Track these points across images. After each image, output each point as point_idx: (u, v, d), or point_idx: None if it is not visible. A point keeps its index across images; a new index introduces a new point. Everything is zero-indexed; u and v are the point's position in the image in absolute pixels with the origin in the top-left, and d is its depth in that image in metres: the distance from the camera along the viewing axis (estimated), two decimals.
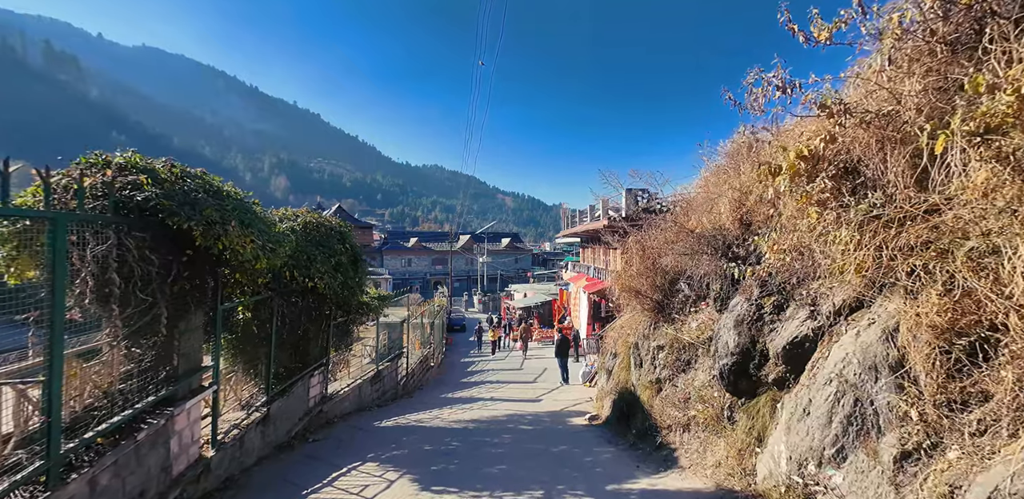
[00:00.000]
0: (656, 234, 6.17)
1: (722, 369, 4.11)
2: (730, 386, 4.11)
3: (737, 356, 3.98)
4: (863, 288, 3.09)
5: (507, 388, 12.21)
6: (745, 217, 4.49)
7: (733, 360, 4.00)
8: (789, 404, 3.53)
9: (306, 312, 6.19)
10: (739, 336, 3.97)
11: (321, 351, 7.08)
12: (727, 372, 4.06)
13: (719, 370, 4.15)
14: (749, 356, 3.93)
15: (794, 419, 3.35)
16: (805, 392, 3.35)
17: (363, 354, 9.67)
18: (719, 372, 4.15)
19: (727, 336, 4.11)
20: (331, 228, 6.22)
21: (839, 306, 3.42)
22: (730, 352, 4.04)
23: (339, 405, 7.63)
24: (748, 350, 3.93)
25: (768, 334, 3.83)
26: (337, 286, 5.92)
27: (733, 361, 4.00)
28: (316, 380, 7.00)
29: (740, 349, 3.95)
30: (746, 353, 3.94)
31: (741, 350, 3.95)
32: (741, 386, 4.05)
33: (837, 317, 3.41)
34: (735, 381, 4.06)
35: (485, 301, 42.45)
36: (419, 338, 13.20)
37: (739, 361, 3.98)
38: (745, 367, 3.96)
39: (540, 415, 7.96)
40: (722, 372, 4.11)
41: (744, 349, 3.94)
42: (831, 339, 3.42)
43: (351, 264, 6.44)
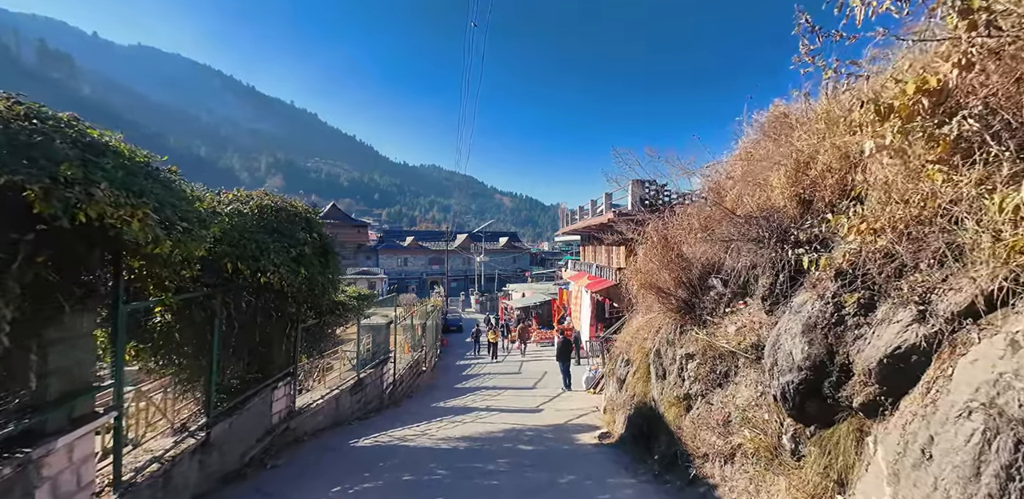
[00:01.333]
0: (681, 221, 5.21)
1: (784, 387, 3.14)
2: (794, 409, 3.14)
3: (807, 371, 3.01)
4: (1007, 279, 2.14)
5: (504, 395, 11.23)
6: (807, 192, 3.53)
7: (801, 376, 3.04)
8: (891, 439, 2.57)
9: (263, 313, 5.20)
10: (810, 345, 3.00)
11: (287, 358, 6.09)
12: (791, 391, 3.10)
13: (780, 389, 3.18)
14: (823, 371, 2.96)
15: (905, 463, 2.39)
16: (921, 425, 2.38)
17: (346, 359, 8.68)
18: (780, 391, 3.18)
19: (791, 345, 3.14)
20: (293, 214, 5.24)
21: (963, 305, 2.46)
22: (796, 365, 3.07)
23: (311, 420, 6.64)
24: (822, 363, 2.96)
25: (852, 343, 2.86)
26: (300, 282, 4.93)
27: (801, 378, 3.03)
28: (281, 392, 6.01)
29: (811, 362, 2.99)
30: (819, 367, 2.97)
31: (812, 363, 2.98)
32: (810, 410, 3.09)
33: (962, 320, 2.45)
34: (802, 403, 3.09)
35: (482, 301, 41.48)
36: (409, 341, 12.20)
37: (809, 378, 3.01)
38: (817, 385, 3.00)
39: (542, 430, 6.98)
40: (784, 391, 3.14)
41: (817, 362, 2.97)
42: (954, 351, 2.46)
43: (319, 256, 5.45)
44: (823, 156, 3.34)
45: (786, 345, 3.19)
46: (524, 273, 54.67)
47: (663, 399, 4.83)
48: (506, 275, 53.64)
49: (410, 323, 12.35)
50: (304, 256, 5.01)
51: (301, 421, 6.35)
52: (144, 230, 2.43)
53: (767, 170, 3.94)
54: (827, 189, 3.41)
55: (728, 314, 4.55)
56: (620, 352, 8.01)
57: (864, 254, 2.81)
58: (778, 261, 3.57)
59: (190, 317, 3.87)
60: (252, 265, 4.16)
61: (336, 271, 5.97)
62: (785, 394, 3.14)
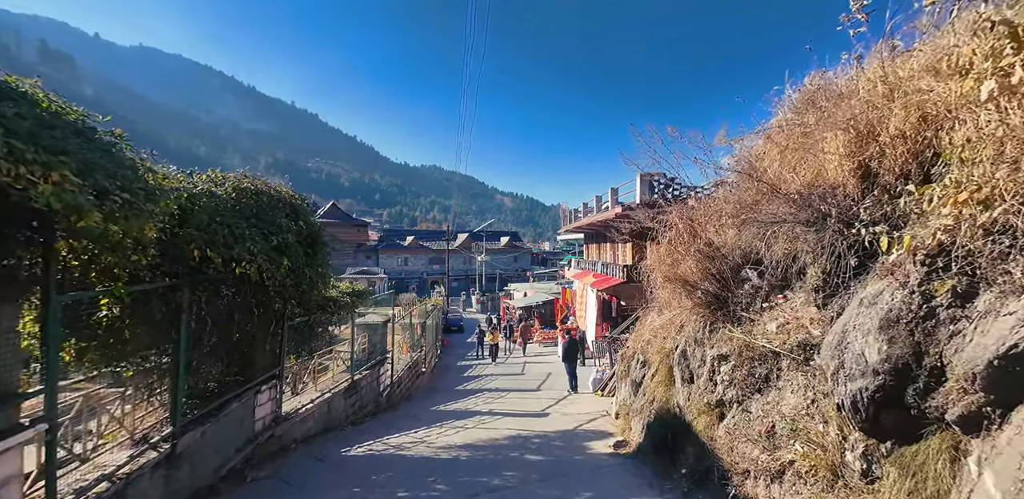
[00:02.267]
0: (709, 206, 4.68)
1: (854, 395, 2.60)
2: (866, 422, 2.60)
3: (885, 375, 2.47)
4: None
5: (508, 398, 10.69)
6: (873, 163, 2.99)
7: (877, 382, 2.49)
8: (1004, 462, 2.04)
9: (243, 309, 4.66)
10: (890, 344, 2.46)
11: (273, 359, 5.56)
12: (864, 400, 2.56)
13: (848, 397, 2.64)
14: (906, 375, 2.42)
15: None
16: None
17: (340, 360, 8.14)
18: (848, 400, 2.64)
19: (862, 344, 2.60)
20: (276, 199, 4.70)
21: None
22: (870, 369, 2.53)
23: (300, 426, 6.11)
24: (906, 366, 2.41)
25: (948, 340, 2.32)
26: (282, 274, 4.39)
27: (877, 384, 2.49)
28: (266, 396, 5.48)
29: (891, 364, 2.45)
30: (902, 371, 2.43)
31: (893, 366, 2.44)
32: (886, 423, 2.55)
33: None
34: (876, 414, 2.55)
35: (483, 301, 40.94)
36: (408, 341, 11.66)
37: (887, 383, 2.47)
38: (898, 393, 2.46)
39: (550, 437, 6.44)
40: (855, 400, 2.60)
41: (899, 364, 2.43)
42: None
43: (305, 247, 4.92)
44: (895, 118, 2.80)
45: (856, 344, 2.65)
46: (526, 273, 54.09)
47: (691, 406, 4.29)
48: (507, 275, 53.09)
49: (409, 322, 11.82)
50: (287, 246, 4.48)
51: (288, 427, 5.82)
52: (58, 196, 1.90)
53: (815, 144, 3.40)
54: (897, 158, 2.87)
55: (765, 309, 4.02)
56: (633, 352, 7.47)
57: (963, 231, 2.27)
58: (836, 245, 3.02)
59: (149, 312, 3.34)
60: (224, 253, 3.63)
61: (325, 264, 5.44)
62: (856, 403, 2.60)
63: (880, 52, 3.65)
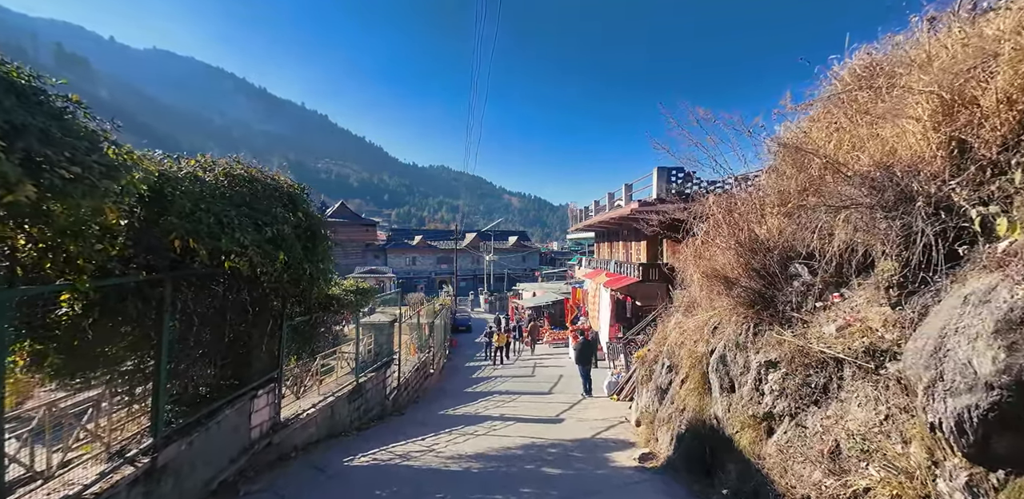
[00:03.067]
0: (752, 194, 4.21)
1: (959, 414, 2.12)
2: (974, 446, 2.12)
3: (1001, 390, 1.99)
4: None
5: (519, 401, 10.25)
6: (966, 135, 2.50)
7: (991, 398, 2.02)
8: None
9: (236, 307, 4.29)
10: (1009, 352, 1.98)
11: (271, 361, 5.19)
12: (972, 420, 2.08)
13: (950, 415, 2.16)
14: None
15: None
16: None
17: (345, 361, 7.78)
18: (950, 419, 2.16)
19: (969, 351, 2.12)
20: (272, 187, 4.31)
21: None
22: (981, 382, 2.05)
23: (300, 433, 5.73)
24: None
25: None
26: (278, 269, 4.01)
27: (992, 400, 2.01)
28: (263, 401, 5.11)
29: (1011, 377, 1.97)
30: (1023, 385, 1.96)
31: (1014, 379, 1.96)
32: (1000, 448, 2.07)
33: None
34: (987, 437, 2.08)
35: (492, 301, 40.55)
36: (415, 341, 11.28)
37: (1005, 400, 1.99)
38: (1019, 412, 1.98)
39: (567, 446, 5.99)
40: (960, 419, 2.12)
41: (1022, 377, 1.95)
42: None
43: (305, 241, 4.54)
44: (999, 80, 2.32)
45: (960, 352, 2.17)
46: (534, 273, 53.59)
47: (732, 418, 3.81)
48: (515, 274, 52.64)
49: (417, 322, 11.44)
50: (283, 238, 4.09)
51: (288, 435, 5.44)
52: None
53: (886, 118, 2.91)
54: (1000, 128, 2.38)
55: (820, 309, 3.53)
56: (656, 356, 6.99)
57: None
58: (923, 232, 2.54)
59: (123, 309, 2.97)
60: (209, 244, 3.24)
61: (327, 259, 5.05)
62: (961, 423, 2.12)
63: (956, 14, 3.18)
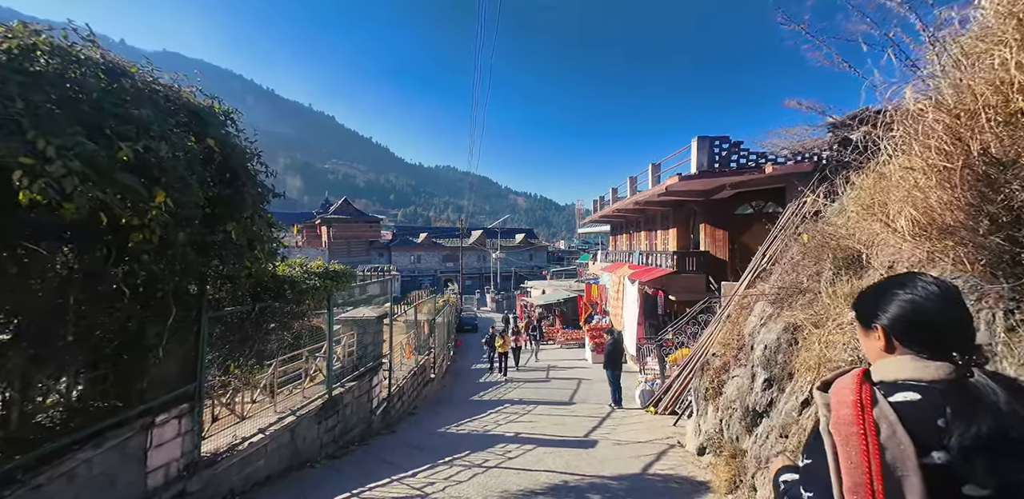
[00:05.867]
0: None
1: None
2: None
3: None
4: None
5: (536, 414, 8.53)
6: None
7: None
8: None
9: (101, 287, 2.62)
10: None
11: (182, 371, 3.52)
12: None
13: None
14: None
15: None
16: None
17: (318, 367, 6.10)
18: None
19: None
20: (152, 91, 2.63)
21: None
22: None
23: (239, 470, 4.06)
24: None
25: None
26: (157, 222, 2.34)
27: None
28: (170, 431, 3.44)
29: None
30: None
31: None
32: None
33: None
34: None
35: (498, 300, 38.91)
36: (412, 342, 9.60)
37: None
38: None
39: (613, 489, 4.26)
40: None
41: None
42: None
43: (219, 184, 2.86)
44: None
45: None
46: (542, 272, 51.80)
47: None
48: (523, 273, 50.90)
49: (415, 319, 9.76)
50: (163, 167, 2.41)
51: (215, 475, 3.77)
52: None
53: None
54: None
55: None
56: (725, 363, 5.21)
57: None
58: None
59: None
60: None
61: (262, 218, 3.37)
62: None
63: None
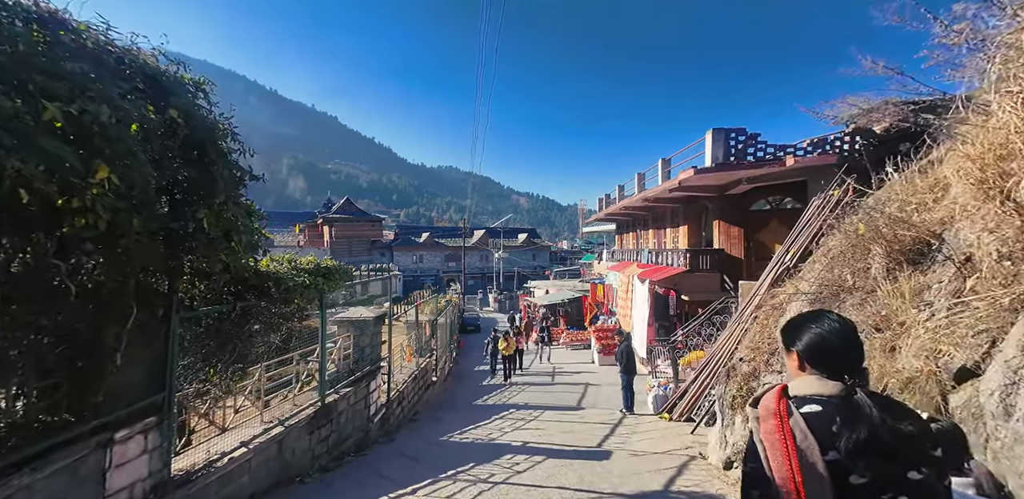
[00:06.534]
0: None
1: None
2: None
3: None
4: None
5: (543, 420, 8.08)
6: None
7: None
8: None
9: (41, 282, 2.19)
10: None
11: (148, 379, 3.09)
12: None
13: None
14: None
15: None
16: None
17: (311, 371, 5.65)
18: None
19: None
20: (86, 44, 2.20)
21: None
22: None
23: (217, 489, 3.62)
24: None
25: None
26: (100, 202, 1.92)
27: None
28: (135, 448, 3.01)
29: None
30: None
31: None
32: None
33: None
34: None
35: (501, 300, 38.50)
36: (412, 344, 9.17)
37: None
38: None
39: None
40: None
41: None
42: None
43: (185, 162, 2.43)
44: None
45: None
46: (545, 271, 51.29)
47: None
48: (525, 273, 50.43)
49: (415, 320, 9.32)
50: (105, 136, 1.98)
51: (188, 497, 3.34)
52: None
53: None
54: None
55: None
56: (755, 369, 4.75)
57: None
58: None
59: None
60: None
61: (241, 210, 2.94)
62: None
63: None
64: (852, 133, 9.22)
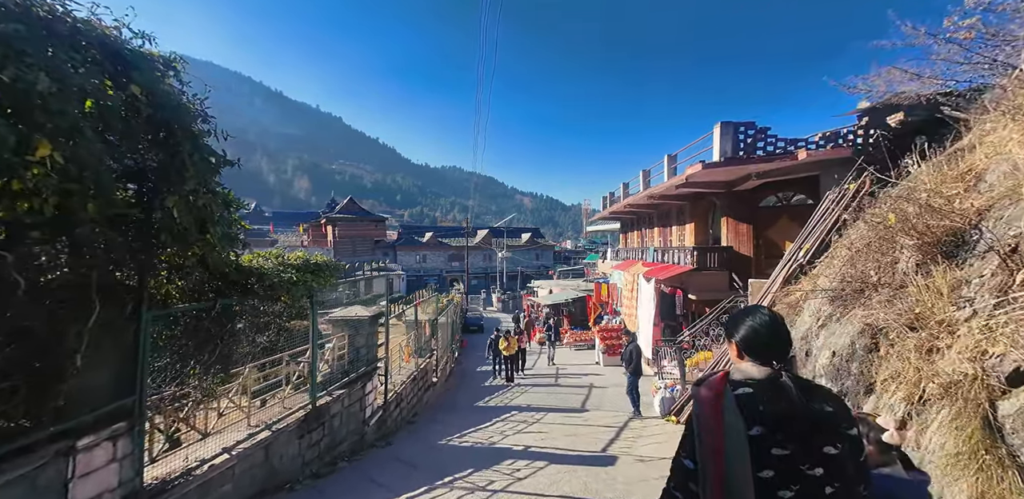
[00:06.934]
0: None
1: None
2: None
3: None
4: None
5: (546, 423, 7.82)
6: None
7: None
8: None
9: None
10: None
11: (115, 383, 2.87)
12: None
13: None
14: None
15: None
16: None
17: (303, 372, 5.40)
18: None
19: None
20: (27, 8, 1.98)
21: None
22: None
23: (196, 498, 3.41)
24: None
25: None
26: (44, 184, 1.69)
27: None
28: (101, 456, 2.79)
29: None
30: None
31: None
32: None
33: None
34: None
35: (504, 300, 38.21)
36: (411, 344, 8.93)
37: None
38: None
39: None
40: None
41: None
42: None
43: (155, 146, 2.20)
44: None
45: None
46: (548, 271, 50.95)
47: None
48: (529, 272, 50.13)
49: (415, 319, 9.08)
50: (46, 109, 1.75)
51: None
52: None
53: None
54: None
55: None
56: None
57: None
58: None
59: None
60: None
61: (218, 199, 2.72)
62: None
63: None
64: (866, 126, 8.92)
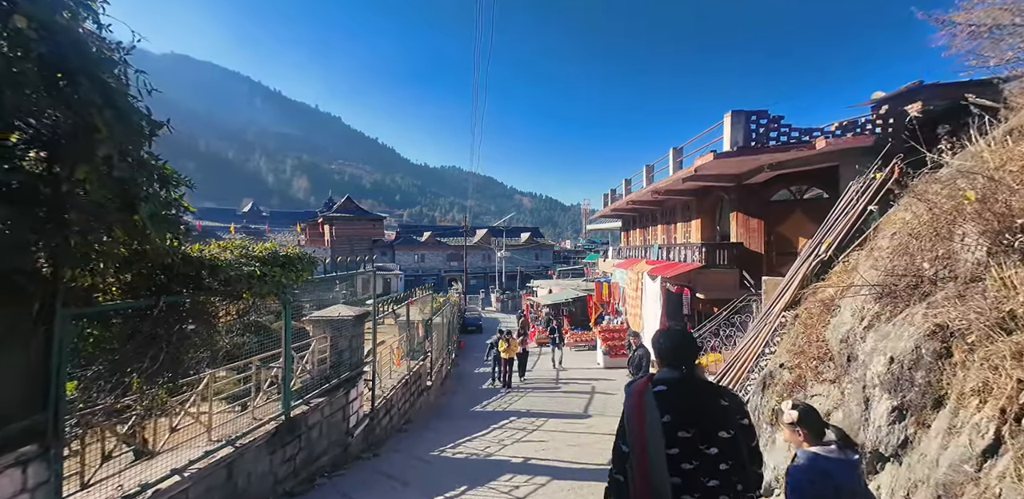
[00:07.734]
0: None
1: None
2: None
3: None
4: None
5: (546, 430, 7.30)
6: None
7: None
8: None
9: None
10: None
11: (27, 396, 2.35)
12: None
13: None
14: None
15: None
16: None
17: (274, 377, 4.86)
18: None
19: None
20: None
21: None
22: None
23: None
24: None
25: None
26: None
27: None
28: (7, 486, 2.26)
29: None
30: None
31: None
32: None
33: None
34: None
35: (503, 300, 37.69)
36: (403, 346, 8.40)
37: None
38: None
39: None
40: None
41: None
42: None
43: (32, 87, 1.69)
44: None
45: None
46: (548, 271, 50.39)
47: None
48: (528, 272, 49.59)
49: (404, 319, 8.56)
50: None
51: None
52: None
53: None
54: None
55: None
56: (800, 376, 3.93)
57: None
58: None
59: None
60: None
61: (144, 171, 2.20)
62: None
63: None
64: (885, 115, 8.46)
